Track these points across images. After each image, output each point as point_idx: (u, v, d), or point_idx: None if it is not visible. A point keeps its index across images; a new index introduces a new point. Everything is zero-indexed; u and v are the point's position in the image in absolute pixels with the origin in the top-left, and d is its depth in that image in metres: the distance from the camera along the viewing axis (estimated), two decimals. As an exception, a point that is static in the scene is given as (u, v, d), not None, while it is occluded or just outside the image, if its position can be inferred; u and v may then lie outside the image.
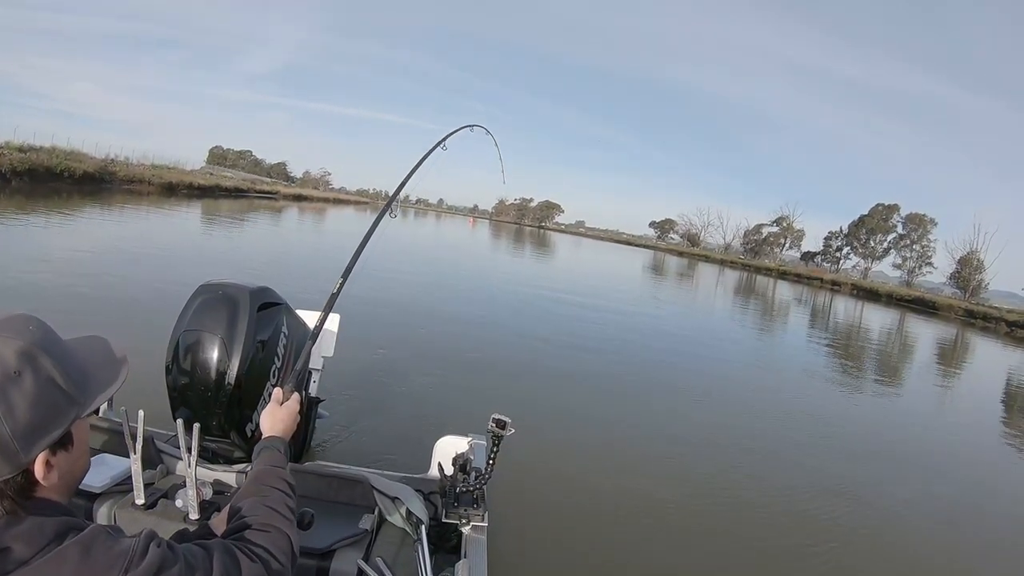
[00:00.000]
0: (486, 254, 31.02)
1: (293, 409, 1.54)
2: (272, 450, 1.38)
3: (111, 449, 2.18)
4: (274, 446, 1.40)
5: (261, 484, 1.23)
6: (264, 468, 1.30)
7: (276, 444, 1.41)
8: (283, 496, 1.21)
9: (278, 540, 1.08)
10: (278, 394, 1.57)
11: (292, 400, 1.56)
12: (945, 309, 39.24)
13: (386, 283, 12.33)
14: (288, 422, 1.51)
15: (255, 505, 1.15)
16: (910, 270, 63.38)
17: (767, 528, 3.96)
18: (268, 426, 1.49)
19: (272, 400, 1.56)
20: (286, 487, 1.25)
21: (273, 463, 1.33)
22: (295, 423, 1.54)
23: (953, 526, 4.65)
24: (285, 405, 1.54)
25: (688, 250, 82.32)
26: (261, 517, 1.12)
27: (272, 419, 1.51)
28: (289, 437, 1.48)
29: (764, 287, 38.31)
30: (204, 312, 2.31)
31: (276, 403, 1.54)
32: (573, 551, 3.32)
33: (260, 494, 1.19)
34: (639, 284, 26.59)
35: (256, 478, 1.26)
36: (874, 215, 67.23)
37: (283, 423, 1.50)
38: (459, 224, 73.66)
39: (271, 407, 1.54)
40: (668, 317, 15.89)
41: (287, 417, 1.51)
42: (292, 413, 1.53)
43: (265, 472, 1.28)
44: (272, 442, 1.42)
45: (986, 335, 28.81)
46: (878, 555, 3.88)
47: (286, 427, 1.50)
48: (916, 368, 14.48)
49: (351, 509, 1.99)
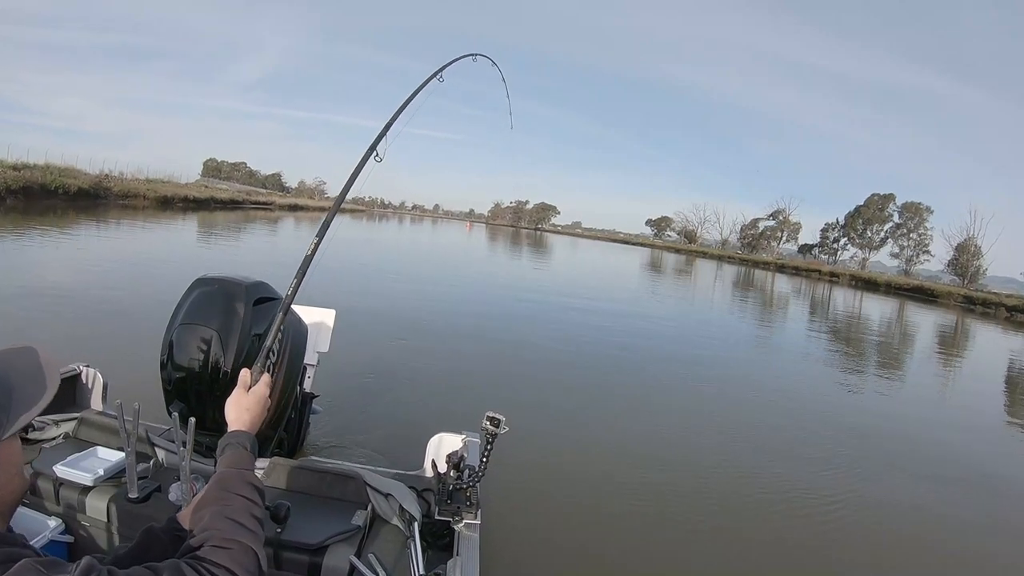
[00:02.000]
0: (483, 256, 31.01)
1: (261, 395, 1.35)
2: (237, 448, 1.22)
3: (105, 442, 2.19)
4: (239, 443, 1.24)
5: (223, 491, 1.09)
6: (226, 472, 1.15)
7: (241, 440, 1.25)
8: (247, 505, 1.08)
9: (240, 557, 0.97)
10: (244, 377, 1.37)
11: (260, 384, 1.37)
12: (944, 296, 39.28)
13: (386, 282, 12.36)
14: (256, 411, 1.32)
15: (216, 516, 1.03)
16: (908, 259, 63.47)
17: (767, 526, 3.93)
18: (233, 416, 1.31)
19: (238, 385, 1.36)
20: (252, 492, 1.12)
21: (238, 463, 1.18)
22: (264, 411, 1.35)
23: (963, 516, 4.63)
24: (252, 391, 1.35)
25: (685, 247, 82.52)
26: (222, 531, 1.00)
27: (237, 408, 1.32)
28: (257, 429, 1.32)
29: (762, 281, 38.37)
30: (200, 306, 2.30)
31: (242, 388, 1.35)
32: (566, 549, 3.30)
33: (222, 502, 1.06)
34: (635, 282, 26.58)
35: (218, 483, 1.12)
36: (870, 205, 67.32)
37: (250, 413, 1.31)
38: (456, 228, 73.71)
39: (236, 393, 1.35)
40: (666, 316, 15.86)
41: (254, 405, 1.33)
42: (260, 399, 1.34)
43: (228, 476, 1.14)
44: (237, 438, 1.25)
45: (986, 321, 28.81)
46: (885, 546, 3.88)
47: (253, 417, 1.31)
48: (918, 356, 14.47)
49: (344, 505, 1.99)
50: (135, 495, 1.86)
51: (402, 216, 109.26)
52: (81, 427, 2.28)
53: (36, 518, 1.81)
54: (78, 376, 2.77)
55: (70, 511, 1.88)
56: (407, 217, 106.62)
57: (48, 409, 2.42)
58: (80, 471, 1.93)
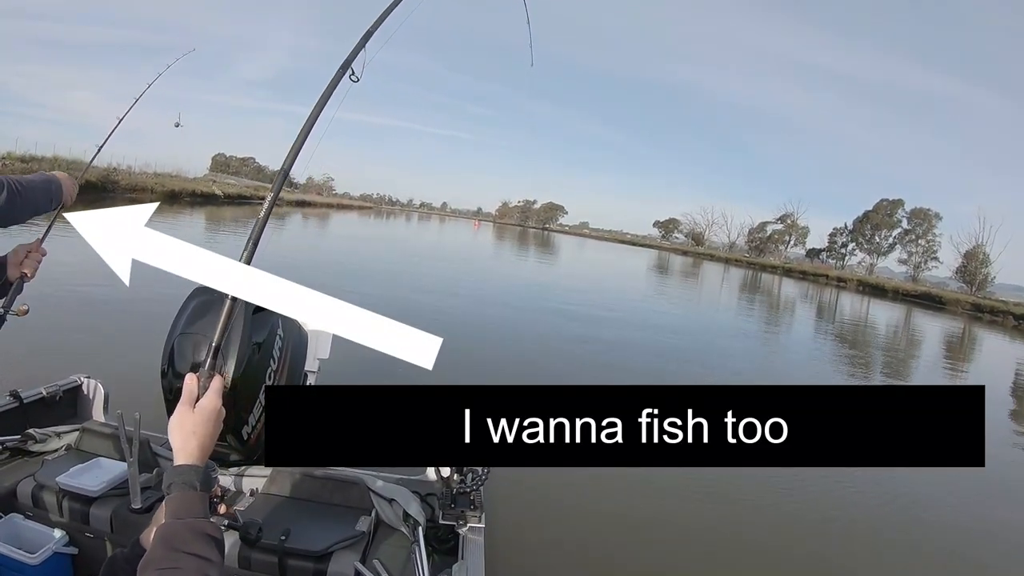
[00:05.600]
0: (490, 254, 31.02)
1: (211, 409, 1.06)
2: (185, 489, 0.96)
3: (107, 453, 2.19)
4: (187, 481, 0.97)
5: (170, 550, 0.89)
6: (172, 527, 0.92)
7: (188, 477, 0.97)
8: (200, 565, 0.88)
9: None
10: (190, 385, 1.09)
11: (210, 394, 1.09)
12: (952, 304, 39.05)
13: (389, 282, 12.37)
14: (205, 432, 1.03)
15: None
16: (916, 265, 63.09)
17: (769, 529, 3.93)
18: (177, 444, 1.02)
19: (182, 398, 1.07)
20: (206, 547, 0.91)
21: (188, 511, 0.94)
22: (218, 427, 1.07)
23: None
24: (199, 407, 1.06)
25: (692, 249, 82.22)
26: None
27: (181, 432, 1.02)
28: (209, 453, 1.04)
29: (769, 285, 38.23)
30: (200, 314, 2.29)
31: (186, 404, 1.06)
32: (571, 552, 3.31)
33: (169, 563, 0.87)
34: (643, 284, 26.53)
35: (163, 541, 0.90)
36: (878, 211, 66.98)
37: (197, 436, 1.02)
38: (463, 227, 73.76)
39: (179, 412, 1.06)
40: (676, 322, 15.81)
41: (202, 424, 1.03)
42: (209, 416, 1.05)
43: (174, 532, 0.91)
44: (182, 475, 0.97)
45: (994, 329, 28.61)
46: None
47: (202, 441, 1.02)
48: (924, 365, 14.37)
49: (348, 511, 2.00)
50: (138, 505, 1.86)
51: (409, 214, 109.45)
52: (83, 438, 2.28)
53: (40, 530, 1.82)
54: (79, 387, 2.78)
55: (74, 522, 1.89)
56: (414, 215, 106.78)
57: (50, 421, 2.44)
58: (83, 482, 1.93)
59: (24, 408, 2.49)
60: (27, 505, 1.90)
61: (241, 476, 2.20)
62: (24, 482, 1.95)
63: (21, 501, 1.91)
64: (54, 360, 4.71)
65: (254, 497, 2.07)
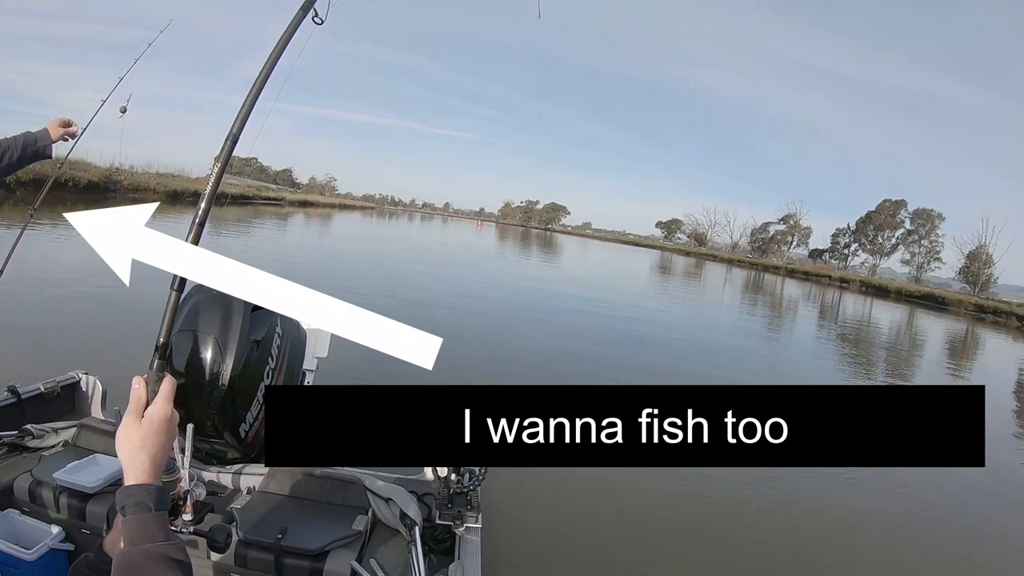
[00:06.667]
0: (493, 254, 31.03)
1: (160, 418, 0.96)
2: (138, 511, 0.87)
3: (105, 449, 2.19)
4: (140, 503, 0.88)
5: None
6: (129, 554, 0.84)
7: (140, 498, 0.88)
8: None
9: None
10: (137, 392, 0.98)
11: (159, 400, 0.98)
12: (955, 305, 38.97)
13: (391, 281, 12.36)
14: (155, 443, 0.93)
15: None
16: (919, 266, 62.98)
17: (769, 529, 3.92)
18: (125, 461, 0.92)
19: (129, 407, 0.97)
20: (169, 574, 0.84)
21: (145, 535, 0.86)
22: (170, 435, 0.98)
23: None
24: (147, 416, 0.96)
25: (695, 250, 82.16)
26: None
27: (129, 446, 0.93)
28: (163, 466, 0.96)
29: (772, 285, 38.18)
30: (198, 312, 2.30)
31: (132, 415, 0.96)
32: (568, 552, 3.31)
33: None
34: (648, 286, 26.52)
35: (122, 571, 0.83)
36: (881, 211, 66.86)
37: (146, 450, 0.92)
38: (466, 227, 73.79)
39: (126, 423, 0.95)
40: (676, 322, 15.80)
41: (151, 436, 0.94)
42: (159, 425, 0.96)
43: (132, 561, 0.84)
44: (133, 495, 0.89)
45: (997, 330, 28.54)
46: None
47: (153, 455, 0.93)
48: (929, 363, 14.35)
49: (344, 510, 2.00)
50: None
51: (412, 214, 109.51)
52: (81, 434, 2.28)
53: (37, 526, 1.82)
54: (77, 384, 2.78)
55: (70, 519, 1.89)
56: (417, 215, 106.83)
57: (48, 417, 2.45)
58: (80, 478, 1.93)
59: (22, 404, 2.49)
60: (24, 501, 1.91)
61: (239, 474, 2.21)
62: (21, 478, 1.95)
63: (18, 497, 1.92)
64: (52, 356, 4.72)
65: (251, 495, 2.07)
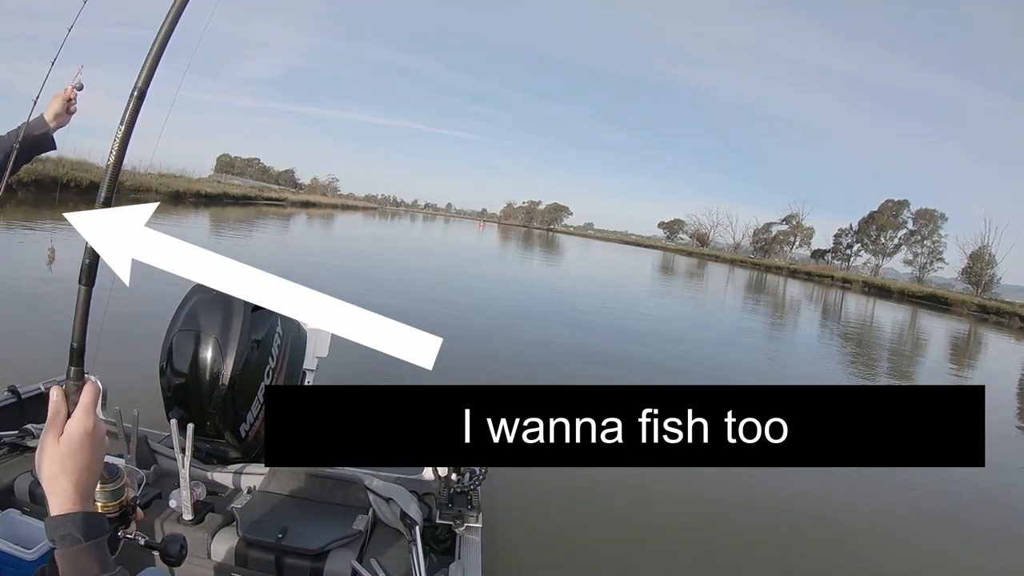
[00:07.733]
0: (495, 255, 31.05)
1: (80, 434, 0.83)
2: (65, 544, 0.77)
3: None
4: (66, 535, 0.77)
5: None
6: None
7: (68, 530, 0.77)
8: None
9: None
10: (55, 404, 0.84)
11: (78, 414, 0.84)
12: (957, 305, 38.85)
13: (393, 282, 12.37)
14: (77, 464, 0.81)
15: None
16: (921, 266, 62.84)
17: (769, 529, 3.92)
18: (46, 485, 0.81)
19: (47, 423, 0.84)
20: None
21: (78, 570, 0.76)
22: (98, 453, 0.85)
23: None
24: (66, 433, 0.82)
25: (698, 250, 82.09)
26: None
27: (49, 469, 0.81)
28: (92, 489, 0.86)
29: (775, 286, 38.14)
30: (198, 312, 2.30)
31: (51, 433, 0.83)
32: (569, 553, 3.29)
33: None
34: (650, 286, 26.51)
35: None
36: (884, 211, 66.75)
37: (68, 475, 0.80)
38: (468, 228, 73.82)
39: (43, 443, 0.83)
40: (677, 321, 15.79)
41: (72, 456, 0.81)
42: (80, 442, 0.82)
43: None
44: (60, 527, 0.78)
45: (999, 331, 28.46)
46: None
47: (77, 479, 0.80)
48: (931, 363, 14.32)
49: (345, 510, 2.00)
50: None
51: (414, 214, 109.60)
52: None
53: (37, 525, 1.82)
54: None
55: None
56: (419, 216, 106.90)
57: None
58: None
59: (22, 404, 2.49)
60: (24, 501, 1.91)
61: (239, 474, 2.21)
62: (21, 478, 1.95)
63: (18, 497, 1.92)
64: (52, 356, 4.72)
65: (252, 495, 2.08)
